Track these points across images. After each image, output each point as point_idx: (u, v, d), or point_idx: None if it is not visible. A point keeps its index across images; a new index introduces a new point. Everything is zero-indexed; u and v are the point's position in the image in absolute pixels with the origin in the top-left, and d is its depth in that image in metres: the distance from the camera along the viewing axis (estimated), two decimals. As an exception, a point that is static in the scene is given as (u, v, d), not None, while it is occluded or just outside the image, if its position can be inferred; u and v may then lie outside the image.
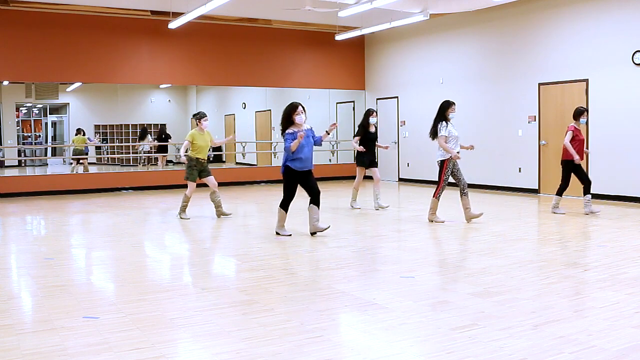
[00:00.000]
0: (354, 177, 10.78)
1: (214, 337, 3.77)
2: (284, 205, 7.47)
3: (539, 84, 11.90)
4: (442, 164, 8.17)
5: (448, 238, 7.27)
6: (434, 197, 8.30)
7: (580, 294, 4.67)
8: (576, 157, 8.87)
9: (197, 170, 9.11)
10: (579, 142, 8.99)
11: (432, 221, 8.34)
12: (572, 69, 11.27)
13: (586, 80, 11.03)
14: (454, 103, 8.34)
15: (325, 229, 7.42)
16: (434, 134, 8.26)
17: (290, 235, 7.45)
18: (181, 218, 9.24)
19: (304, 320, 4.06)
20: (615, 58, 10.52)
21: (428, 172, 14.61)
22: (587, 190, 9.03)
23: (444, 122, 8.19)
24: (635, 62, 10.23)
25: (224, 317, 4.21)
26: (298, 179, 7.33)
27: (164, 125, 18.61)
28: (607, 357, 3.35)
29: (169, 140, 18.34)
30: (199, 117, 9.20)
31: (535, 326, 3.87)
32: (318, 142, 7.50)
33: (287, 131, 7.25)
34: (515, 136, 12.36)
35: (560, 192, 9.14)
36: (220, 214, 9.30)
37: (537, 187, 12.07)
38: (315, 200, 7.36)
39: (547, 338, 3.64)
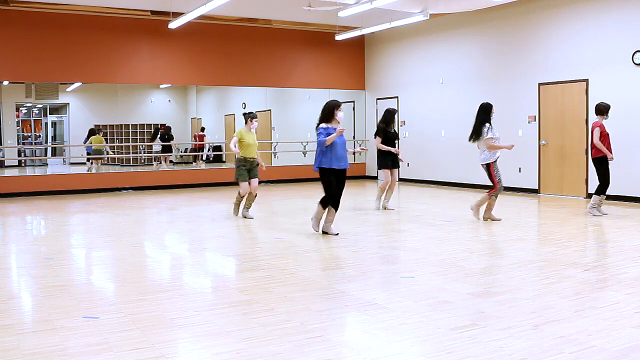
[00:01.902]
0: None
1: (214, 337, 3.77)
2: (323, 201, 7.44)
3: (539, 84, 11.90)
4: (488, 167, 8.26)
5: (448, 238, 7.27)
6: (488, 193, 8.42)
7: (580, 294, 4.66)
8: (610, 155, 8.65)
9: (245, 169, 9.04)
10: (605, 137, 8.76)
11: (487, 219, 8.48)
12: (572, 69, 11.27)
13: (586, 80, 11.03)
14: (492, 105, 8.44)
15: (334, 234, 7.43)
16: (476, 136, 8.27)
17: (317, 232, 7.52)
18: (234, 215, 9.27)
19: (304, 320, 4.06)
20: (615, 58, 10.52)
21: (428, 172, 14.62)
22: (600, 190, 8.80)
23: (487, 124, 8.24)
24: (635, 62, 10.23)
25: (224, 317, 4.21)
26: (333, 175, 7.32)
27: (169, 126, 18.58)
28: (607, 357, 3.35)
29: (172, 141, 18.36)
30: (251, 116, 9.12)
31: (535, 326, 3.86)
32: None
33: (320, 125, 7.25)
34: (515, 136, 12.34)
35: (602, 191, 8.79)
36: (244, 215, 9.19)
37: (537, 187, 12.07)
38: (334, 203, 7.43)
39: (547, 338, 3.64)
